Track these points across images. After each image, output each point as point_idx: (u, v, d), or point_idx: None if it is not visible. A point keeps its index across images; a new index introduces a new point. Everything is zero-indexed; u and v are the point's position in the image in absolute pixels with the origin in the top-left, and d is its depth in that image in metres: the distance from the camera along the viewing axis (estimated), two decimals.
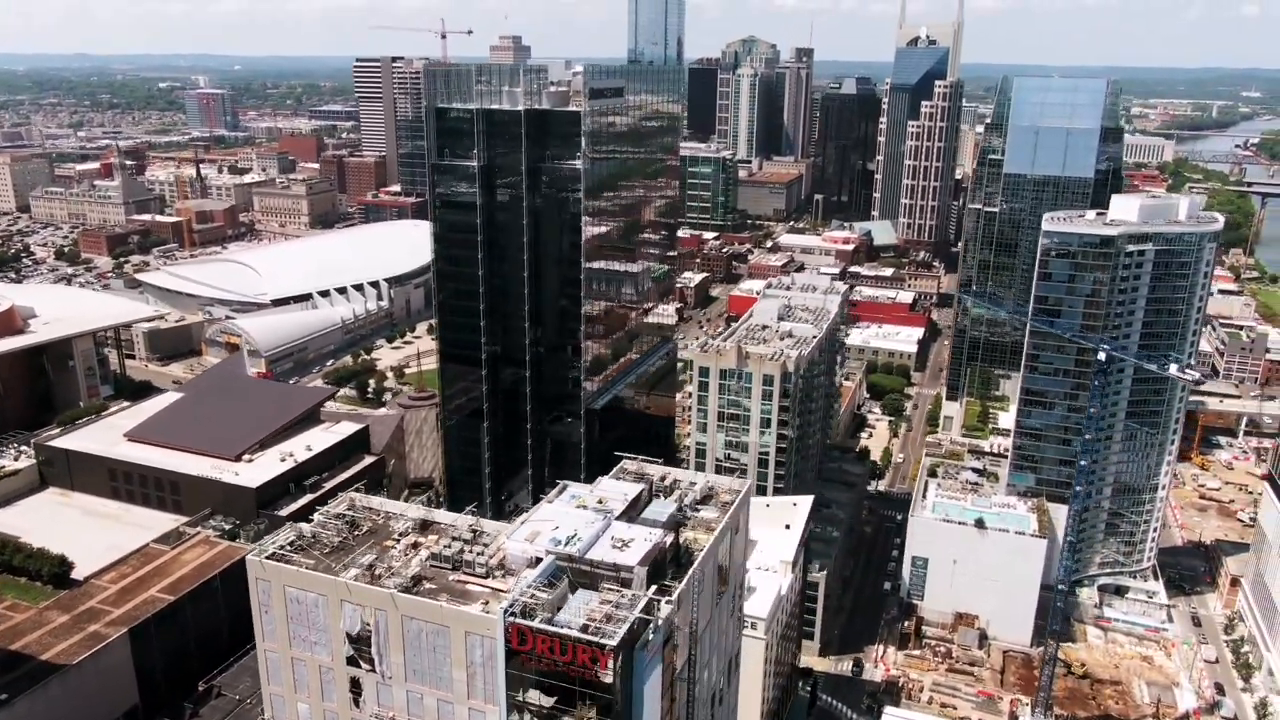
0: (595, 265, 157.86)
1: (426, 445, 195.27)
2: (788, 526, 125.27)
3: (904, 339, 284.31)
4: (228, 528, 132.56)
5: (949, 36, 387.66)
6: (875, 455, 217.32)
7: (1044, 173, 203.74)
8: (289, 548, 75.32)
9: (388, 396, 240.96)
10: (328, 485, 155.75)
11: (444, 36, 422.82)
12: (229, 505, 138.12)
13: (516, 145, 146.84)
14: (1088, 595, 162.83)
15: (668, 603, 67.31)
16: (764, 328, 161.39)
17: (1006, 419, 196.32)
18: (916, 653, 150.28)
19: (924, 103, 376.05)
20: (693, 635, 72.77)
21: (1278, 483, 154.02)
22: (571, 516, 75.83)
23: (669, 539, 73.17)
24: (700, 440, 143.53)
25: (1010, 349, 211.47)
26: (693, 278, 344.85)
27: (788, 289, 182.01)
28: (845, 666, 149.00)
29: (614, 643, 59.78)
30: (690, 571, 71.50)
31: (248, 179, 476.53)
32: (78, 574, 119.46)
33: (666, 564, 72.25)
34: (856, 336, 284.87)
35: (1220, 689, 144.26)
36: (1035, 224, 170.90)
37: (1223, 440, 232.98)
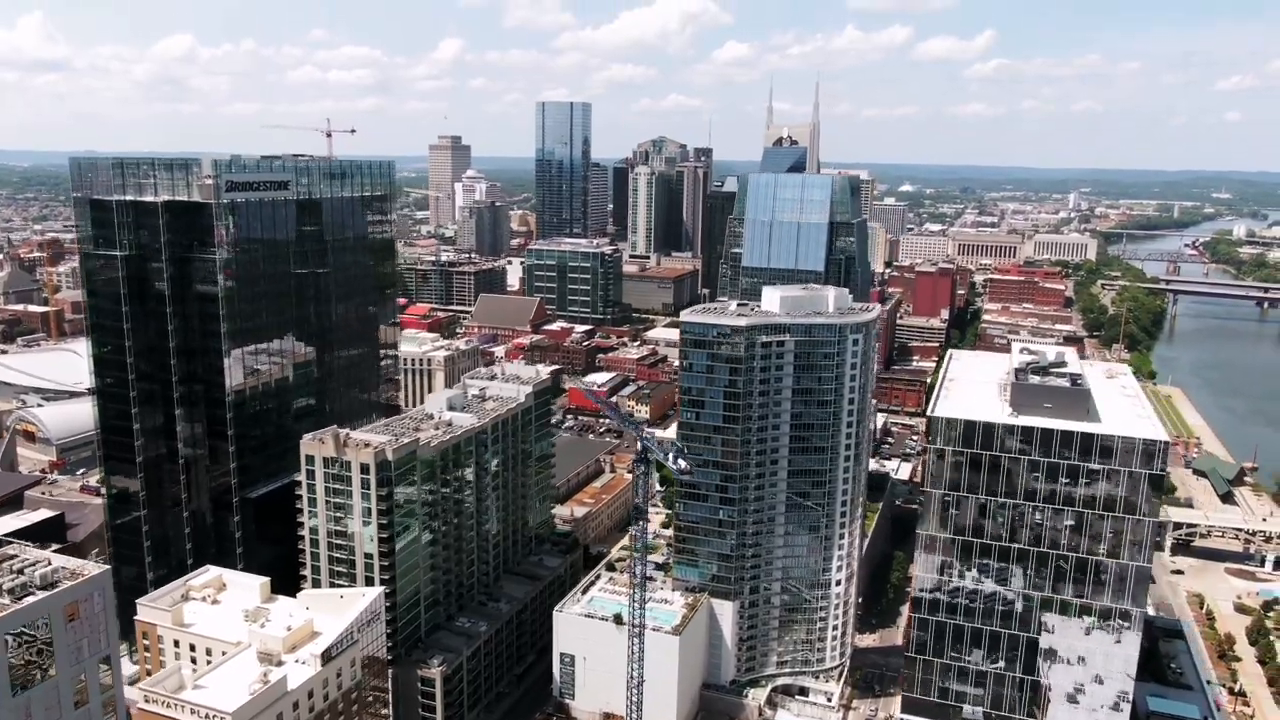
0: (253, 357, 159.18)
1: None
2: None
3: None
4: None
5: (806, 137, 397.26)
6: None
7: (778, 265, 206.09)
8: None
9: None
10: None
11: (329, 135, 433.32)
12: None
13: (158, 236, 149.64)
14: (754, 696, 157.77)
15: None
16: (429, 417, 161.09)
17: None
18: None
19: None
20: None
21: None
22: None
23: None
24: (313, 527, 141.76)
25: None
26: (543, 370, 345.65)
27: (491, 379, 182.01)
28: None
29: None
30: None
31: None
32: None
33: None
34: (675, 428, 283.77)
35: None
36: None
37: None
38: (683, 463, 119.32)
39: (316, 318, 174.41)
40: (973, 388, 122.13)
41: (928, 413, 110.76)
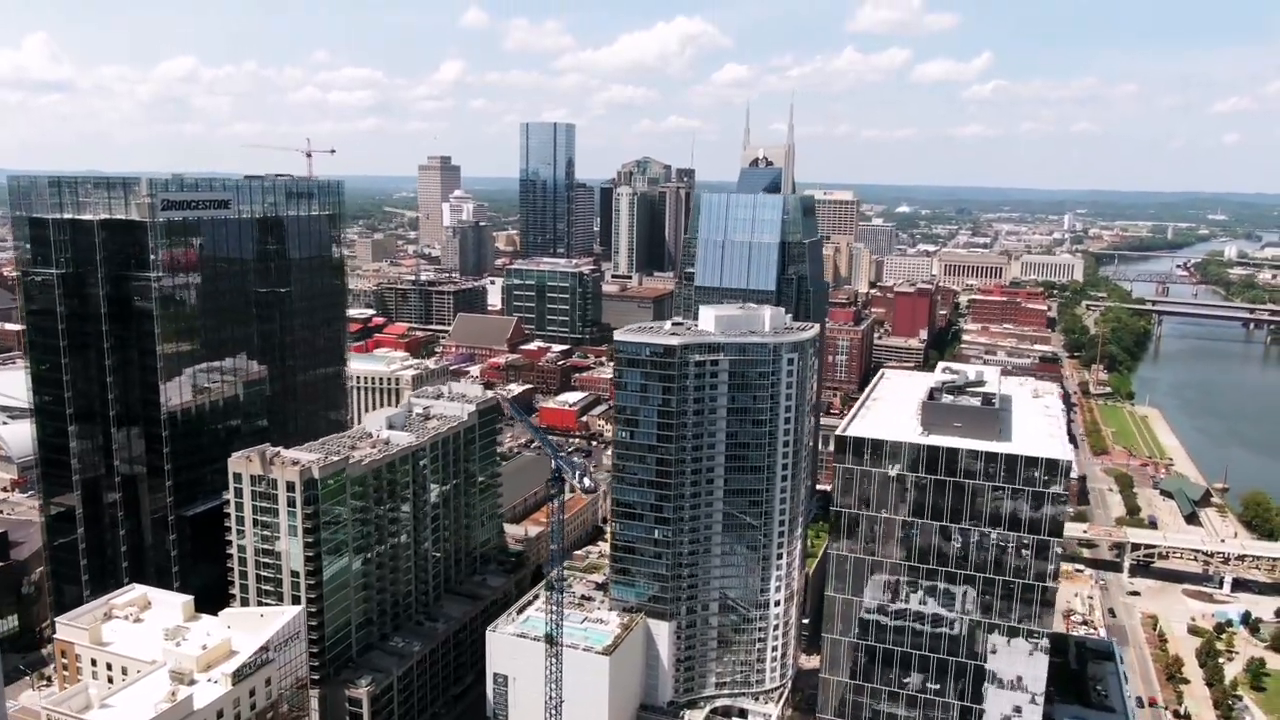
0: (198, 375, 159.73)
1: None
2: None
3: None
4: None
5: (781, 158, 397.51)
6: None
7: (730, 285, 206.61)
8: None
9: None
10: None
11: (309, 155, 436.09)
12: None
13: (95, 255, 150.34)
14: (691, 718, 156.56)
15: None
16: (367, 435, 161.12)
17: None
18: None
19: None
20: None
21: None
22: None
23: None
24: (241, 545, 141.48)
25: None
26: (514, 389, 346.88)
27: (437, 397, 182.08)
28: None
29: None
30: None
31: None
32: None
33: None
34: None
35: None
36: None
37: None
38: (588, 481, 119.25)
39: (269, 335, 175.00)
40: (892, 407, 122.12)
41: (836, 432, 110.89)
